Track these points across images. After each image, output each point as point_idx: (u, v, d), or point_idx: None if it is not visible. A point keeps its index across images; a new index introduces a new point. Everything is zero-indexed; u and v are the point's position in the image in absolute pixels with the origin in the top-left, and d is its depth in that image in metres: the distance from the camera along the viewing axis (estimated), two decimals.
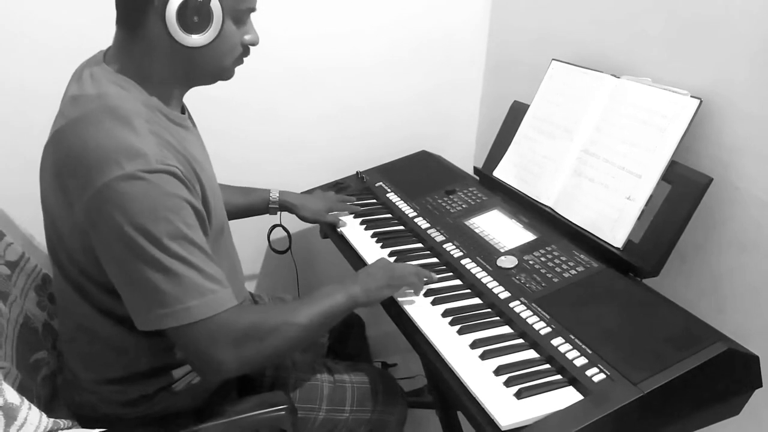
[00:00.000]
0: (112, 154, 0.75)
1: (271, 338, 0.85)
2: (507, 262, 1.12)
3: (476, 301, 1.06)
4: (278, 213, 1.38)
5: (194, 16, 0.80)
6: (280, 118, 1.58)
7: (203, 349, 0.80)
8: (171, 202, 0.77)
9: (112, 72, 0.84)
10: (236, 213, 1.29)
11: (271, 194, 1.34)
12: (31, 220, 1.04)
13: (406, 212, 1.37)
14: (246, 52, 0.90)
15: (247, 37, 0.88)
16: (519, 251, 1.16)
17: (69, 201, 0.79)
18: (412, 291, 1.07)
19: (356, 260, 1.25)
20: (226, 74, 0.90)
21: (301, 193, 1.44)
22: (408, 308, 1.04)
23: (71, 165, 0.78)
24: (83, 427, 0.82)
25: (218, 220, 0.93)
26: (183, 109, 0.96)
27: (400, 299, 1.06)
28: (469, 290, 1.09)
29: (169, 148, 0.81)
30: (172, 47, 0.82)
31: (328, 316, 0.92)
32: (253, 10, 0.89)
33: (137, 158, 0.75)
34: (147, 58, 0.84)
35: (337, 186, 1.54)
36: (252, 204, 1.33)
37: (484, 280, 1.09)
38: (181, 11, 0.79)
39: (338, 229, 1.35)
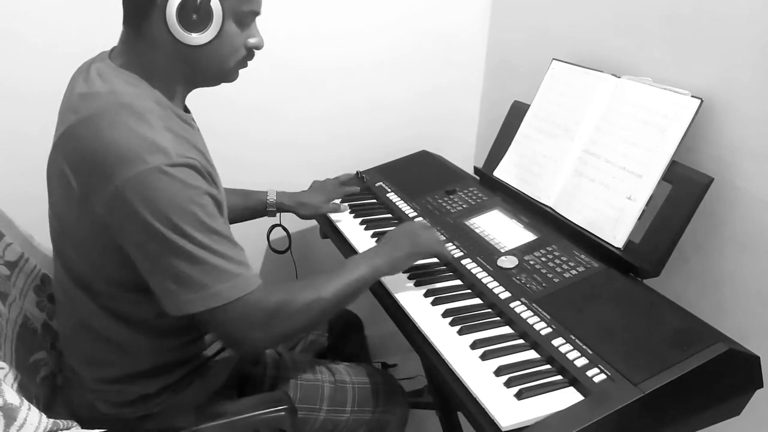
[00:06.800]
0: (133, 150, 0.76)
1: (299, 315, 0.89)
2: (507, 262, 1.12)
3: (477, 301, 1.06)
4: (278, 214, 1.38)
5: (193, 14, 0.81)
6: (281, 117, 1.58)
7: (234, 330, 0.84)
8: (193, 194, 0.79)
9: (118, 69, 0.85)
10: (236, 216, 1.29)
11: (268, 196, 1.34)
12: (30, 221, 1.04)
13: (407, 212, 1.37)
14: (250, 55, 0.92)
15: (251, 41, 0.90)
16: (519, 251, 1.15)
17: (85, 196, 0.80)
18: (441, 261, 1.12)
19: None
20: (229, 76, 0.92)
21: (299, 191, 1.43)
22: (408, 308, 1.04)
23: (88, 161, 0.78)
24: (83, 427, 0.83)
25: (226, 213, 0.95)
26: (186, 109, 0.98)
27: (400, 300, 1.06)
28: (469, 290, 1.09)
29: (184, 142, 0.82)
30: (174, 45, 0.83)
31: (354, 289, 0.95)
32: (257, 14, 0.90)
33: (158, 153, 0.77)
34: (151, 56, 0.85)
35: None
36: (251, 207, 1.33)
37: (484, 281, 1.09)
38: (181, 9, 0.81)
39: (333, 219, 1.36)
